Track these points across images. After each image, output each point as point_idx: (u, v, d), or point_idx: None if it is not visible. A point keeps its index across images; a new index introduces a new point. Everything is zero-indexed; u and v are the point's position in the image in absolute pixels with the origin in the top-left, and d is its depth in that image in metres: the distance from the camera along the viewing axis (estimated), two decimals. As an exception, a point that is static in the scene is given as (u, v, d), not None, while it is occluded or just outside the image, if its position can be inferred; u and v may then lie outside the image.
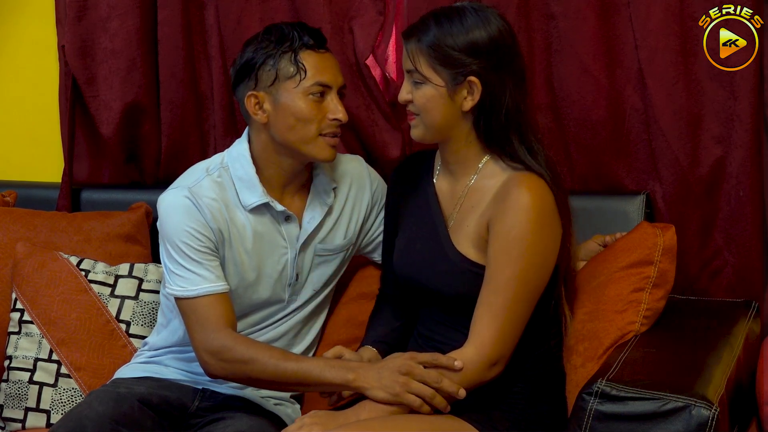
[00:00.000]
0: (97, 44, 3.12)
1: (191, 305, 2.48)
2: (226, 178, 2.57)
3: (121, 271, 2.89)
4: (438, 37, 2.34)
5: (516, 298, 2.30)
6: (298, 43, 2.51)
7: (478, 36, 2.33)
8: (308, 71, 2.50)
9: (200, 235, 2.50)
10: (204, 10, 3.06)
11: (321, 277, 2.66)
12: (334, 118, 2.52)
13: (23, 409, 2.81)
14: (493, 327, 2.30)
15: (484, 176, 2.41)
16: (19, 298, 2.88)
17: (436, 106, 2.36)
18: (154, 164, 3.19)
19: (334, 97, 2.53)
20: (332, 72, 2.54)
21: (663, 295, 2.52)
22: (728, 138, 2.72)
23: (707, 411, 2.11)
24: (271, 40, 2.53)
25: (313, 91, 2.50)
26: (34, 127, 3.35)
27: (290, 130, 2.51)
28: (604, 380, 2.19)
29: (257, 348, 2.43)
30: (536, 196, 2.31)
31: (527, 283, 2.31)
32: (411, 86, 2.39)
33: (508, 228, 2.30)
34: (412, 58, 2.37)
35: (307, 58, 2.51)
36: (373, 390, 2.30)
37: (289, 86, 2.50)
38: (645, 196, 2.78)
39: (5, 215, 3.04)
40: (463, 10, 2.37)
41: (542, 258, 2.33)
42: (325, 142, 2.53)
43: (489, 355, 2.30)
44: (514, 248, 2.30)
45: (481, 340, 2.30)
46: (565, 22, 2.78)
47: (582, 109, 2.80)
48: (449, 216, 2.45)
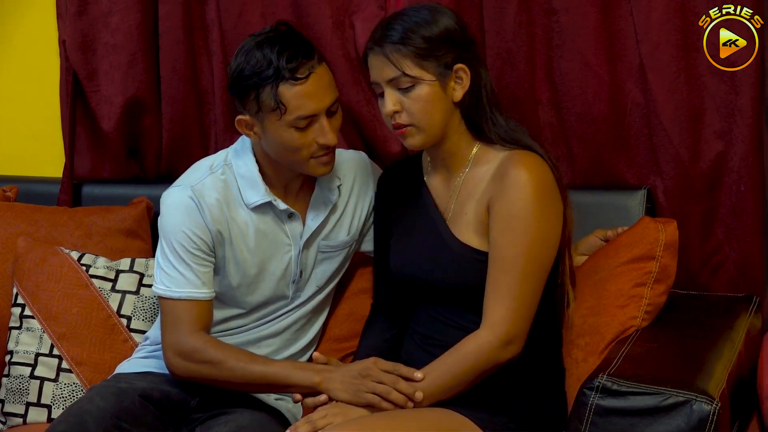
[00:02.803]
0: (98, 39, 3.13)
1: (170, 305, 2.52)
2: (230, 176, 2.57)
3: (122, 266, 2.89)
4: (412, 32, 2.33)
5: (524, 275, 2.30)
6: (276, 76, 2.40)
7: (447, 23, 2.35)
8: (288, 106, 2.41)
9: (196, 238, 2.51)
10: (205, 5, 3.06)
11: (325, 274, 2.67)
12: (322, 143, 2.46)
13: (24, 403, 2.81)
14: (504, 306, 2.29)
15: (479, 163, 2.41)
16: (20, 292, 2.88)
17: (434, 103, 2.35)
18: (155, 159, 3.19)
19: (322, 121, 2.45)
20: (316, 99, 2.43)
21: (664, 290, 2.52)
22: (729, 132, 2.72)
23: (708, 406, 2.10)
24: (252, 70, 2.42)
25: (297, 125, 2.44)
26: (35, 122, 3.35)
27: (280, 155, 2.51)
28: (605, 375, 2.19)
29: (226, 351, 2.48)
30: (534, 172, 2.31)
31: (534, 259, 2.31)
32: (397, 95, 2.35)
33: (509, 205, 2.30)
34: (396, 63, 2.33)
35: (287, 93, 2.41)
36: (336, 391, 2.37)
37: (273, 118, 2.44)
38: (646, 191, 2.77)
39: (6, 210, 3.04)
40: (412, 9, 2.38)
41: (546, 233, 2.32)
42: (317, 162, 2.49)
43: (502, 334, 2.29)
44: (517, 225, 2.29)
45: (493, 320, 2.30)
46: (566, 17, 2.78)
47: (583, 104, 2.80)
48: (446, 209, 2.45)
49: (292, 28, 2.50)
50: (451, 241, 2.40)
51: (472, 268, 2.36)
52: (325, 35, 2.93)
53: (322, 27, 2.93)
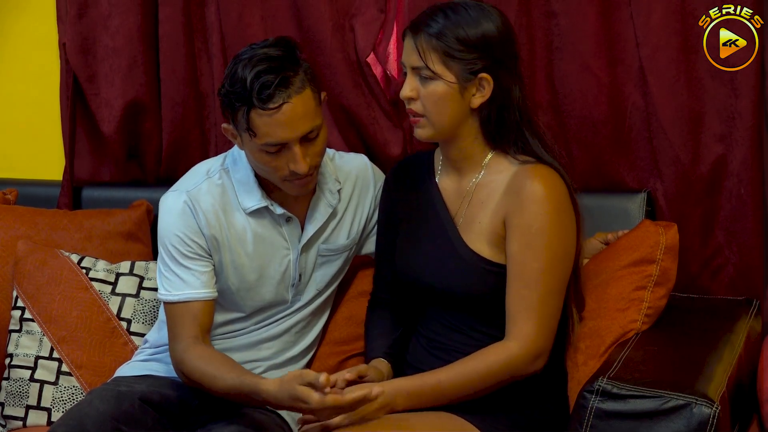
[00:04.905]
0: (98, 42, 3.13)
1: (171, 310, 2.53)
2: (227, 181, 2.57)
3: (122, 269, 2.89)
4: (449, 30, 2.31)
5: (548, 290, 2.30)
6: (247, 101, 2.37)
7: (488, 29, 2.32)
8: (257, 132, 2.39)
9: (191, 241, 2.52)
10: (205, 7, 3.06)
11: (324, 277, 2.66)
12: (292, 170, 2.43)
13: (24, 407, 2.81)
14: (533, 321, 2.29)
15: (492, 171, 2.39)
16: (20, 295, 2.88)
17: (447, 103, 2.34)
18: (155, 162, 3.19)
19: (294, 149, 2.40)
20: (287, 128, 2.38)
21: (665, 294, 2.52)
22: (729, 136, 2.72)
23: (708, 409, 2.10)
24: (231, 87, 2.39)
25: (267, 150, 2.41)
26: (35, 124, 3.35)
27: (258, 170, 2.51)
28: (606, 378, 2.19)
29: (213, 367, 2.44)
30: (551, 187, 2.31)
31: (556, 273, 2.31)
32: (417, 83, 2.35)
33: (528, 221, 2.30)
34: (422, 54, 2.32)
35: (256, 119, 2.37)
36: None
37: (246, 139, 2.43)
38: (646, 194, 2.78)
39: (6, 213, 3.04)
40: (466, 5, 2.35)
41: (565, 247, 2.32)
42: (291, 184, 2.48)
43: (533, 349, 2.30)
44: (537, 241, 2.29)
45: (524, 334, 2.30)
46: (566, 20, 2.78)
47: (583, 107, 2.80)
48: (456, 214, 2.44)
49: (290, 47, 2.44)
50: (462, 249, 2.38)
51: (480, 277, 2.36)
52: (325, 38, 2.93)
53: (322, 30, 2.93)
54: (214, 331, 2.60)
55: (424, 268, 2.44)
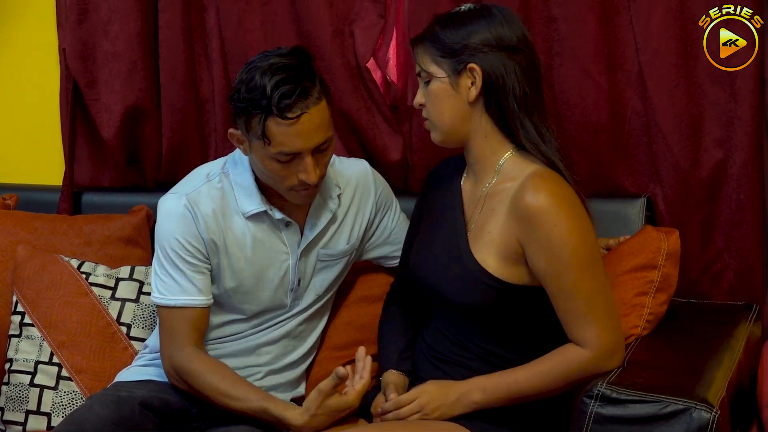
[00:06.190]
0: (98, 47, 3.13)
1: (165, 314, 2.54)
2: (227, 185, 2.56)
3: (121, 274, 2.89)
4: (437, 32, 2.35)
5: (592, 293, 2.28)
6: (266, 109, 2.36)
7: (476, 24, 2.34)
8: (273, 141, 2.39)
9: (189, 246, 2.52)
10: (205, 13, 3.07)
11: (323, 282, 2.66)
12: (302, 180, 2.44)
13: (24, 411, 2.80)
14: (590, 326, 2.28)
15: (505, 177, 2.37)
16: (20, 300, 2.88)
17: (442, 100, 2.35)
18: (154, 167, 3.19)
19: (307, 159, 2.41)
20: (303, 138, 2.39)
21: (666, 299, 2.52)
22: (729, 141, 2.72)
23: (708, 414, 2.10)
24: (248, 93, 2.39)
25: (280, 158, 2.42)
26: (35, 130, 3.35)
27: (263, 177, 2.51)
28: (605, 383, 2.19)
29: (210, 376, 2.48)
30: (554, 193, 2.29)
31: (592, 273, 2.29)
32: (423, 89, 2.39)
33: (546, 235, 2.27)
34: (419, 59, 2.38)
35: (273, 128, 2.37)
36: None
37: (258, 145, 2.42)
38: (646, 199, 2.78)
39: (6, 218, 3.04)
40: (466, 10, 2.38)
41: (590, 244, 2.30)
42: (296, 194, 2.48)
43: (605, 349, 2.28)
44: (562, 251, 2.27)
45: (588, 339, 2.28)
46: (565, 25, 2.78)
47: (583, 112, 2.80)
48: (470, 219, 2.42)
49: (305, 58, 2.44)
50: (467, 258, 2.37)
51: (481, 291, 2.34)
52: (324, 43, 2.93)
53: (321, 35, 2.93)
54: (212, 335, 2.60)
55: (430, 271, 2.44)
